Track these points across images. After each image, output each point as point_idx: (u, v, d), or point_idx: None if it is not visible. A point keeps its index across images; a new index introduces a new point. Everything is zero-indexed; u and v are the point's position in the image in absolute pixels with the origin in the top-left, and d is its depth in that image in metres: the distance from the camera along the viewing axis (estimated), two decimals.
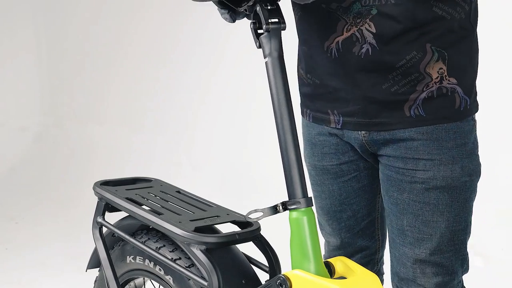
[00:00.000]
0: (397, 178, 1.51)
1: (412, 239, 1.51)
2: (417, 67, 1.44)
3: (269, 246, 1.47)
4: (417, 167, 1.48)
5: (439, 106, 1.46)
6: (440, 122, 1.47)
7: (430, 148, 1.47)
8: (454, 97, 1.47)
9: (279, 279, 1.26)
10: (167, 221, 1.41)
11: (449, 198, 1.50)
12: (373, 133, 1.50)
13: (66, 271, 3.28)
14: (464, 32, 1.48)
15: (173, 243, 1.49)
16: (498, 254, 3.05)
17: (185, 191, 1.65)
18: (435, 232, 1.50)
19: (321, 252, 1.31)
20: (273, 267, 1.46)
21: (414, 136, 1.47)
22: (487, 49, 2.17)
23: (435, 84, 1.45)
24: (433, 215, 1.50)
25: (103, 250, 1.58)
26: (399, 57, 1.44)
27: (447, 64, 1.45)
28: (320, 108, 1.56)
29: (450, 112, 1.48)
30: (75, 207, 4.21)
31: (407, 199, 1.50)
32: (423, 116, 1.46)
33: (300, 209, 1.28)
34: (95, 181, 1.65)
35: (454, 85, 1.46)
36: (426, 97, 1.45)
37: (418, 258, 1.51)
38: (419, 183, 1.48)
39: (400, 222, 1.52)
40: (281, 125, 1.30)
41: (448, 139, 1.48)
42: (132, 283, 1.73)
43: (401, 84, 1.45)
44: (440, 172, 1.47)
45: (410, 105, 1.46)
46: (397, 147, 1.49)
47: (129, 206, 1.52)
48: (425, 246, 1.50)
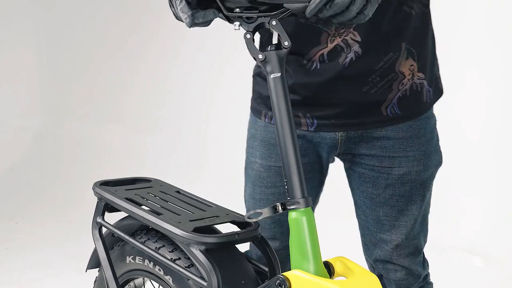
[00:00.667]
0: (372, 176, 1.60)
1: (388, 226, 1.63)
2: (393, 67, 1.50)
3: (269, 246, 1.47)
4: (392, 164, 1.58)
5: (411, 103, 1.55)
6: (413, 117, 1.56)
7: (405, 146, 1.56)
8: (422, 92, 1.56)
9: (279, 279, 1.26)
10: (166, 221, 1.41)
11: (421, 189, 1.61)
12: (350, 133, 1.56)
13: (66, 271, 3.28)
14: (425, 25, 1.54)
15: (172, 243, 1.49)
16: (498, 254, 3.05)
17: (185, 191, 1.65)
18: (409, 219, 1.62)
19: (320, 252, 1.31)
20: (273, 267, 1.46)
21: (390, 135, 1.56)
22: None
23: (408, 81, 1.53)
24: (408, 204, 1.61)
25: (102, 251, 1.58)
26: (378, 60, 1.49)
27: (417, 60, 1.52)
28: None
29: (420, 107, 1.57)
30: (75, 207, 4.21)
31: (383, 193, 1.60)
32: (398, 114, 1.54)
33: (300, 209, 1.28)
34: (95, 181, 1.65)
35: (422, 79, 1.54)
36: (401, 96, 1.53)
37: (395, 243, 1.64)
38: (395, 179, 1.58)
39: (376, 214, 1.63)
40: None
41: (420, 135, 1.57)
42: (131, 283, 1.73)
43: (379, 86, 1.51)
44: (414, 167, 1.58)
45: (387, 105, 1.53)
46: (372, 146, 1.57)
47: (128, 206, 1.52)
48: (401, 232, 1.63)
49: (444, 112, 3.18)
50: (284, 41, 1.28)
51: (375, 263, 1.70)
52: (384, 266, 1.68)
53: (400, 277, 1.68)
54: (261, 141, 1.64)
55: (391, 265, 1.67)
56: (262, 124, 1.63)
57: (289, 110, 1.28)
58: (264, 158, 1.64)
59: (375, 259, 1.69)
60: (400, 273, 1.67)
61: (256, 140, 1.65)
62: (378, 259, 1.68)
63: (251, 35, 1.29)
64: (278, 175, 1.62)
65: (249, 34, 1.29)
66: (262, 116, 1.63)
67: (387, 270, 1.68)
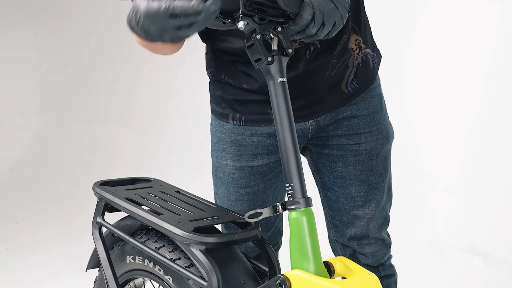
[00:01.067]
0: (341, 155, 1.66)
1: (361, 202, 1.70)
2: (347, 47, 1.58)
3: (269, 246, 1.47)
4: (359, 141, 1.65)
5: (364, 72, 1.63)
6: (368, 85, 1.64)
7: (368, 122, 1.65)
8: (369, 59, 1.65)
9: (279, 279, 1.26)
10: (166, 221, 1.41)
11: (385, 161, 1.71)
12: (319, 120, 1.62)
13: (66, 271, 3.28)
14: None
15: (172, 243, 1.49)
16: (498, 254, 3.05)
17: (185, 191, 1.65)
18: (379, 192, 1.71)
19: (320, 252, 1.31)
20: (273, 267, 1.46)
21: (355, 113, 1.63)
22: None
23: (358, 55, 1.61)
24: (377, 178, 1.69)
25: (102, 250, 1.58)
26: (335, 45, 1.56)
27: (360, 34, 1.60)
28: (257, 110, 1.60)
29: (371, 73, 1.65)
30: (75, 207, 4.21)
31: (353, 170, 1.67)
32: (357, 88, 1.62)
33: (300, 209, 1.28)
34: (95, 181, 1.65)
35: (366, 49, 1.62)
36: (356, 70, 1.61)
37: (369, 216, 1.71)
38: (363, 155, 1.66)
39: (348, 191, 1.69)
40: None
41: (379, 110, 1.67)
42: (131, 283, 1.73)
43: (337, 67, 1.58)
44: (379, 141, 1.67)
45: (346, 82, 1.61)
46: (338, 126, 1.64)
47: (128, 206, 1.52)
48: (373, 205, 1.71)
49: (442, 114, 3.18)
50: (288, 49, 1.30)
51: (350, 241, 1.74)
52: (359, 242, 1.74)
53: (376, 249, 1.75)
54: (231, 144, 1.66)
55: (366, 239, 1.73)
56: (230, 127, 1.65)
57: (290, 113, 1.30)
58: (235, 160, 1.66)
59: (350, 237, 1.74)
60: (374, 245, 1.74)
61: (226, 143, 1.67)
62: (353, 237, 1.73)
63: (261, 36, 1.29)
64: (251, 175, 1.65)
65: (259, 34, 1.29)
66: (229, 119, 1.65)
67: (362, 246, 1.74)
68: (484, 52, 3.20)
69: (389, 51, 3.47)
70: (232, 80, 1.62)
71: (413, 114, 3.43)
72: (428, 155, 3.39)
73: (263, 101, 1.57)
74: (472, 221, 3.16)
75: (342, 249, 1.78)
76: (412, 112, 3.44)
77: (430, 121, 3.39)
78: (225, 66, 1.62)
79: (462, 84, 3.28)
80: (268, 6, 1.27)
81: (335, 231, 1.77)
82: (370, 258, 1.75)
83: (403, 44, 3.45)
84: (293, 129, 1.30)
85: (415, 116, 3.43)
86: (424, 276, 3.00)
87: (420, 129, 3.42)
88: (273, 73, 1.30)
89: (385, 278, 1.79)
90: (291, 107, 1.31)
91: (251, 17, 1.27)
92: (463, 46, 3.26)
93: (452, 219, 3.24)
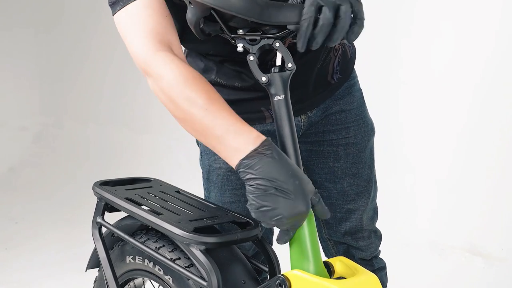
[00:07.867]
0: (332, 150, 1.69)
1: (353, 195, 1.73)
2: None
3: (269, 246, 1.47)
4: (348, 134, 1.69)
5: (344, 62, 1.67)
6: (349, 73, 1.69)
7: (354, 115, 1.69)
8: (346, 49, 1.69)
9: (279, 279, 1.26)
10: (166, 221, 1.41)
11: (371, 153, 1.76)
12: (311, 116, 1.64)
13: (66, 271, 3.28)
14: None
15: (172, 243, 1.49)
16: (498, 254, 3.05)
17: (185, 191, 1.65)
18: (369, 183, 1.75)
19: (320, 252, 1.31)
20: (273, 267, 1.46)
21: (343, 107, 1.68)
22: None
23: (339, 46, 1.65)
24: (366, 169, 1.74)
25: (102, 250, 1.58)
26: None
27: None
28: (251, 109, 1.60)
29: (350, 62, 1.70)
30: (75, 207, 4.21)
31: (345, 164, 1.70)
32: (340, 78, 1.66)
33: None
34: (95, 181, 1.65)
35: (343, 39, 1.58)
36: (339, 61, 1.65)
37: (362, 209, 1.74)
38: (353, 148, 1.70)
39: (340, 186, 1.72)
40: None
41: (362, 104, 1.72)
42: (131, 283, 1.73)
43: (323, 58, 1.62)
44: (366, 133, 1.71)
45: (331, 73, 1.64)
46: (328, 121, 1.67)
47: (128, 206, 1.52)
48: (365, 197, 1.74)
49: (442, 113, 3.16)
50: (287, 63, 1.27)
51: (344, 237, 1.76)
52: (354, 237, 1.76)
53: (370, 241, 1.78)
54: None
55: (360, 233, 1.76)
56: None
57: (293, 131, 1.29)
58: None
59: (344, 232, 1.76)
60: (368, 238, 1.78)
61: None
62: (347, 232, 1.75)
63: (254, 57, 1.27)
64: None
65: (252, 56, 1.27)
66: None
67: (357, 239, 1.77)
68: (478, 49, 3.19)
69: (386, 50, 3.47)
70: (223, 80, 1.60)
71: (413, 114, 3.43)
72: (429, 156, 3.39)
73: (256, 99, 1.57)
74: (472, 221, 3.16)
75: (335, 247, 1.79)
76: (412, 112, 3.43)
77: (430, 121, 3.39)
78: (214, 66, 1.60)
79: (461, 84, 3.28)
80: (256, 25, 1.24)
81: (328, 228, 1.78)
82: (364, 252, 1.78)
83: (398, 43, 3.45)
84: (296, 145, 1.29)
85: (415, 116, 3.43)
86: (424, 276, 3.00)
87: (420, 129, 3.41)
88: (272, 92, 1.28)
89: (378, 271, 1.82)
90: (293, 122, 1.30)
91: (244, 39, 1.26)
92: (458, 44, 3.26)
93: (452, 219, 3.24)
